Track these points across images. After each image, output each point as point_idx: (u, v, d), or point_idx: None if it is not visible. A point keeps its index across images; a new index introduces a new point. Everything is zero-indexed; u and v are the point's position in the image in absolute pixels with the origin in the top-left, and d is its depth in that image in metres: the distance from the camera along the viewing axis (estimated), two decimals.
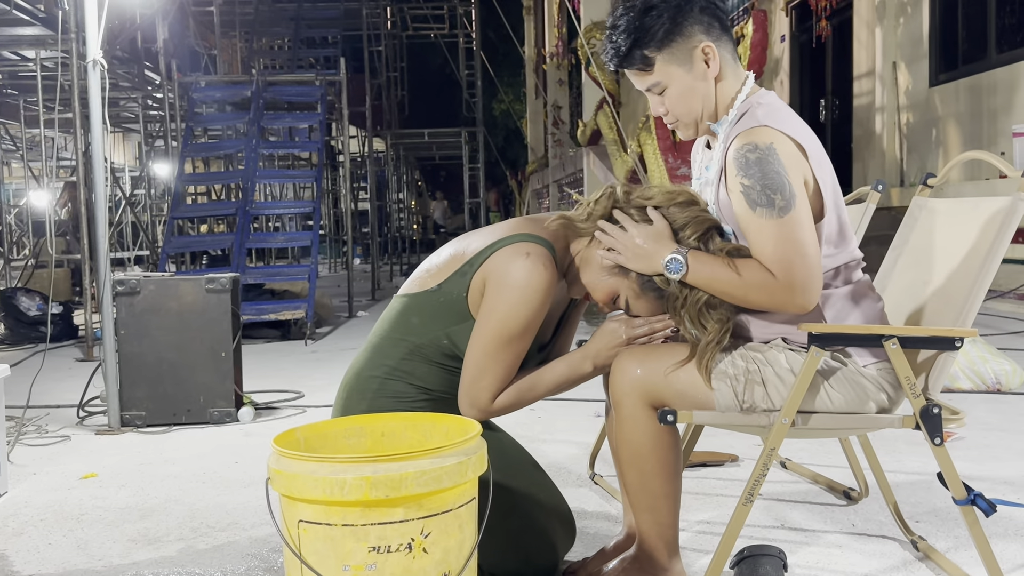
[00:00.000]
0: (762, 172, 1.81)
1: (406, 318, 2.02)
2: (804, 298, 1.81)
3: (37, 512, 2.80)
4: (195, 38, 11.60)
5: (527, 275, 1.87)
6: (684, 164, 7.15)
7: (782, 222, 1.80)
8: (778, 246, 1.80)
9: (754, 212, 1.82)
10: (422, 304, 2.00)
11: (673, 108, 1.97)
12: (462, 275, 1.96)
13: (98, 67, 3.91)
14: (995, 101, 7.73)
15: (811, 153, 1.86)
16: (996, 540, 2.27)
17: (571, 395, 4.31)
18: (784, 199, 1.80)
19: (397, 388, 2.01)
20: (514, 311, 1.88)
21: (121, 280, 4.00)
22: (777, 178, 1.80)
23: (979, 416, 3.62)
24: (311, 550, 1.60)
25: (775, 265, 1.81)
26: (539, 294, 1.88)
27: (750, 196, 1.82)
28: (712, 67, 1.93)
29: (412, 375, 2.01)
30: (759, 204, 1.81)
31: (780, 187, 1.80)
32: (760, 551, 2.00)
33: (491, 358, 1.91)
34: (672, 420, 1.86)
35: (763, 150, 1.82)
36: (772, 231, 1.80)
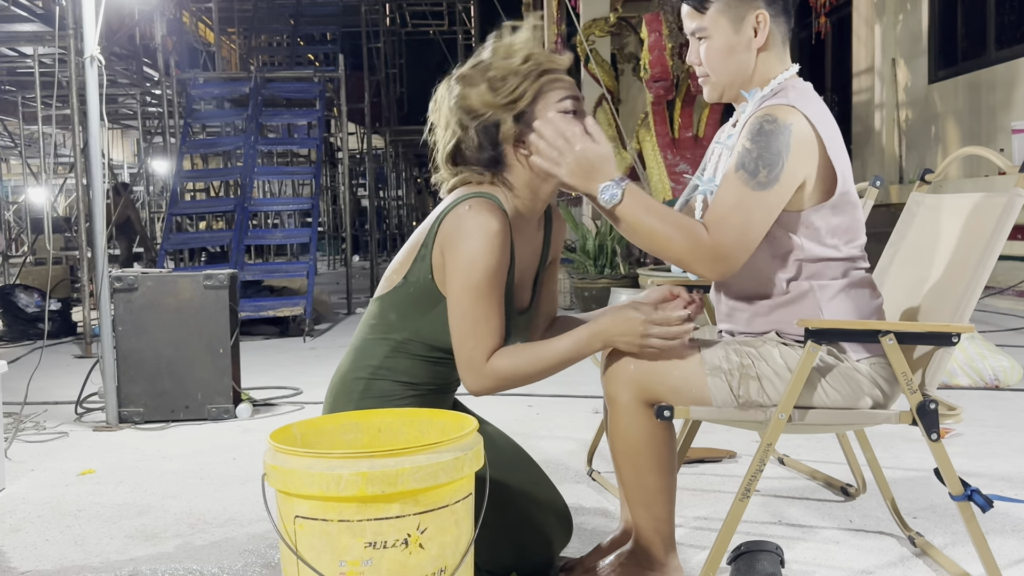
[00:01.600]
0: (767, 144, 1.81)
1: (384, 318, 2.01)
2: (722, 265, 1.81)
3: (35, 508, 2.80)
4: (193, 35, 11.59)
5: (473, 223, 1.85)
6: (683, 161, 7.15)
7: (751, 194, 1.80)
8: (732, 211, 1.81)
9: (735, 172, 1.83)
10: (396, 301, 2.00)
11: (708, 61, 1.96)
12: (422, 259, 1.95)
13: (95, 63, 3.91)
14: (994, 98, 7.73)
15: (829, 142, 1.86)
16: (993, 536, 2.27)
17: (569, 391, 4.32)
18: (768, 177, 1.80)
19: (383, 387, 2.00)
20: (472, 260, 1.84)
21: (119, 276, 4.00)
22: (776, 157, 1.80)
23: (977, 412, 3.62)
24: (307, 546, 1.60)
25: (717, 224, 1.81)
26: (491, 237, 1.84)
27: (743, 157, 1.83)
28: (759, 37, 1.93)
29: (397, 371, 2.00)
30: (744, 168, 1.81)
31: (772, 165, 1.80)
32: (757, 547, 2.00)
33: (468, 316, 1.87)
34: (669, 416, 1.86)
35: (780, 126, 1.82)
36: (736, 195, 1.81)
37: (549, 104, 1.90)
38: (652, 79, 7.04)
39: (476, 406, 2.29)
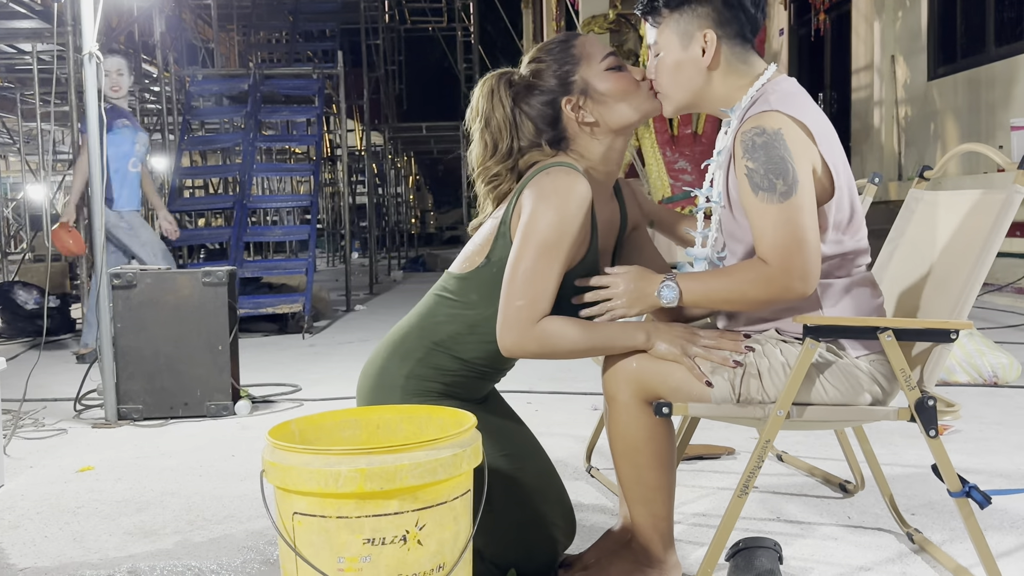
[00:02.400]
0: (767, 156, 1.80)
1: (465, 296, 1.99)
2: (802, 284, 1.80)
3: (34, 505, 2.80)
4: (192, 31, 11.58)
5: (553, 185, 1.87)
6: (682, 158, 7.15)
7: (783, 207, 1.79)
8: (777, 230, 1.80)
9: (756, 196, 1.81)
10: (480, 281, 1.98)
11: (657, 77, 1.98)
12: (503, 236, 1.95)
13: (94, 60, 3.90)
14: (993, 95, 7.73)
15: (820, 138, 1.85)
16: (991, 532, 2.28)
17: (568, 388, 4.32)
18: (786, 184, 1.79)
19: (440, 360, 2.00)
20: (549, 217, 1.85)
21: (118, 273, 3.99)
22: (781, 163, 1.80)
23: (975, 409, 3.62)
24: (306, 542, 1.60)
25: (773, 251, 1.80)
26: (573, 198, 1.86)
27: (753, 179, 1.81)
28: (706, 57, 1.92)
29: (458, 349, 1.99)
30: (761, 188, 1.80)
31: (783, 172, 1.79)
32: (756, 543, 2.01)
33: (528, 273, 1.85)
34: (667, 413, 1.86)
35: (770, 134, 1.81)
36: (773, 216, 1.80)
37: (593, 65, 1.99)
38: None
39: None
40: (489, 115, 2.01)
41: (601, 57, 2.00)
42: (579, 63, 1.99)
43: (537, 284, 1.85)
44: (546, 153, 2.00)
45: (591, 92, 1.98)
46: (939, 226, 2.17)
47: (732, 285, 1.84)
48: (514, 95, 2.01)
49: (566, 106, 1.98)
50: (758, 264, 1.82)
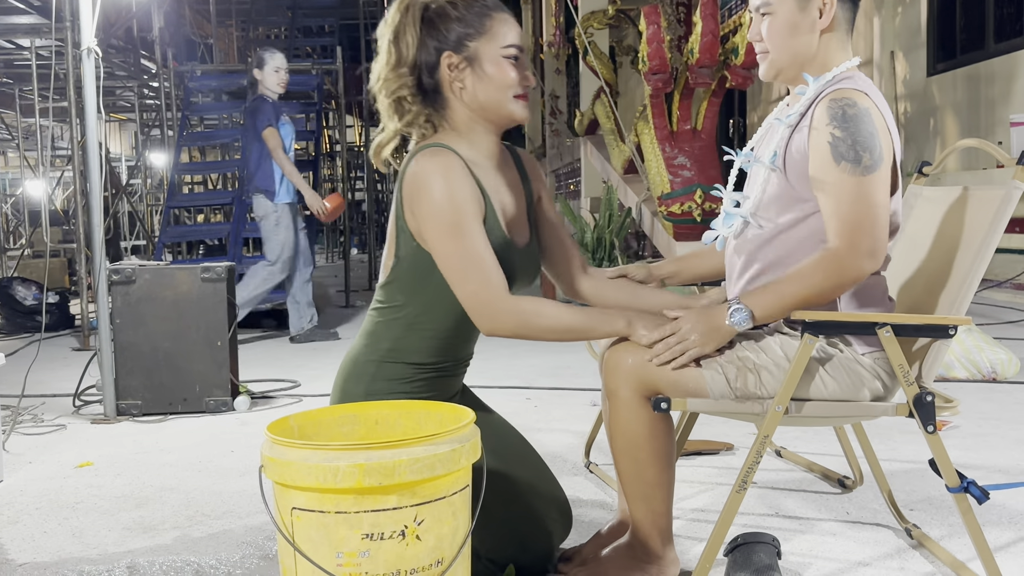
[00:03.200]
0: (856, 127, 1.80)
1: (391, 300, 2.02)
2: (871, 262, 1.80)
3: (32, 500, 2.80)
4: (191, 27, 11.56)
5: (423, 170, 1.87)
6: (681, 153, 7.14)
7: (864, 180, 1.79)
8: (854, 204, 1.79)
9: (837, 165, 1.80)
10: (398, 281, 2.00)
11: (769, 38, 1.95)
12: (402, 231, 1.96)
13: (92, 55, 3.90)
14: (993, 91, 7.73)
15: (893, 133, 1.88)
16: (989, 527, 2.28)
17: (567, 384, 4.32)
18: (872, 159, 1.79)
19: (394, 370, 2.01)
20: (438, 201, 1.85)
21: (117, 269, 3.99)
22: (870, 138, 1.80)
23: (974, 405, 3.63)
24: (304, 537, 1.60)
25: (845, 224, 1.79)
26: (445, 173, 1.86)
27: (838, 148, 1.80)
28: (824, 18, 1.91)
29: (407, 352, 2.00)
30: (845, 158, 1.79)
31: (871, 146, 1.80)
32: (754, 538, 2.01)
33: (458, 257, 1.86)
34: (665, 408, 1.86)
35: (861, 109, 1.81)
36: (852, 188, 1.79)
37: (493, 45, 1.94)
38: (650, 72, 7.03)
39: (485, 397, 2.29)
40: (400, 30, 1.97)
41: (506, 43, 1.95)
42: (483, 35, 1.94)
43: (475, 262, 1.86)
44: (421, 130, 1.99)
45: (475, 65, 1.95)
46: (938, 222, 2.17)
47: (804, 284, 1.81)
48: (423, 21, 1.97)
49: (444, 60, 1.95)
50: (824, 255, 1.81)
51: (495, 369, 4.77)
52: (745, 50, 6.63)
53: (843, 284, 1.83)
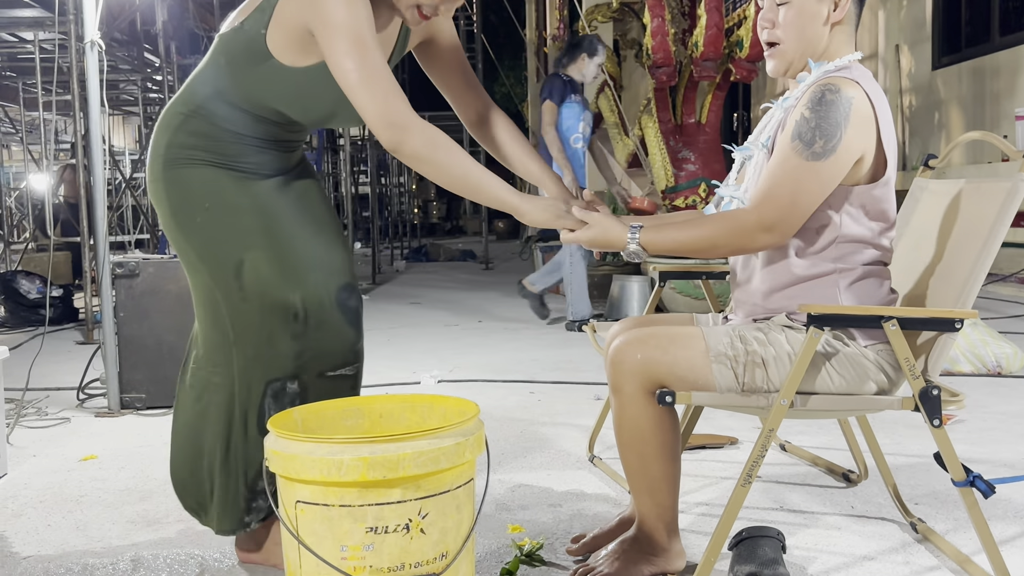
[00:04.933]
0: (826, 113, 1.81)
1: (216, 57, 2.00)
2: (768, 236, 1.84)
3: (36, 494, 2.80)
4: (194, 20, 11.55)
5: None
6: (686, 147, 7.13)
7: (804, 165, 1.81)
8: (782, 179, 1.82)
9: (791, 142, 1.83)
10: (228, 43, 1.97)
11: (786, 27, 1.95)
12: (261, 11, 1.91)
13: (96, 48, 3.89)
14: (998, 84, 7.70)
15: (884, 125, 1.88)
16: (994, 521, 2.27)
17: (570, 378, 4.32)
18: (824, 147, 1.81)
19: (199, 126, 2.00)
20: (338, 9, 1.79)
21: (120, 263, 3.99)
22: (834, 127, 1.81)
23: (979, 399, 3.62)
24: (309, 531, 1.60)
25: (762, 195, 1.83)
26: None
27: (799, 128, 1.83)
28: (838, 12, 1.93)
29: (216, 115, 1.98)
30: (800, 138, 1.82)
31: (829, 135, 1.81)
32: (759, 532, 2.00)
33: (366, 69, 1.80)
34: (670, 401, 1.86)
35: (841, 96, 1.83)
36: (790, 166, 1.82)
37: None
38: (655, 65, 7.02)
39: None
40: None
41: None
42: None
43: (381, 74, 1.82)
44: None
45: None
46: (944, 215, 2.16)
47: (699, 236, 1.86)
48: None
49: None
50: (734, 214, 1.85)
51: (498, 363, 4.77)
52: (750, 43, 6.61)
53: (734, 249, 1.88)
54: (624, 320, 2.21)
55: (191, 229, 2.04)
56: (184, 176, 2.02)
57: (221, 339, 2.06)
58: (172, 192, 2.04)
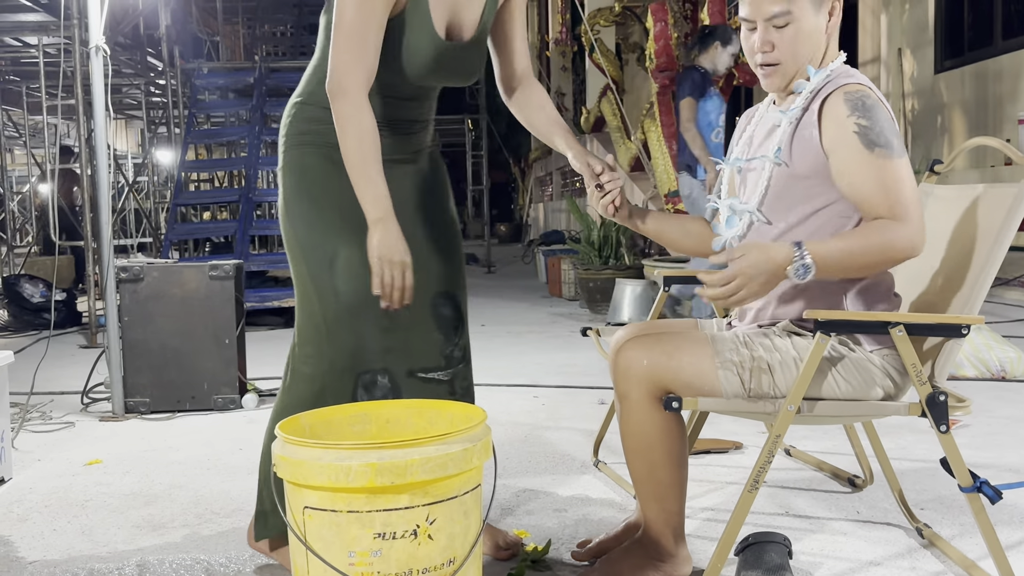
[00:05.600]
0: (879, 116, 1.82)
1: (323, 37, 2.07)
2: (920, 236, 1.80)
3: (41, 498, 2.80)
4: (197, 24, 11.57)
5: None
6: None
7: (901, 163, 1.81)
8: (899, 184, 1.80)
9: (871, 152, 1.81)
10: (330, 14, 2.01)
11: (785, 49, 1.90)
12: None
13: (101, 53, 3.90)
14: (1001, 88, 7.70)
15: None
16: (1000, 527, 2.27)
17: (574, 382, 4.32)
18: (900, 143, 1.83)
19: (312, 113, 2.06)
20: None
21: (125, 267, 4.00)
22: (892, 124, 1.83)
23: (984, 403, 3.62)
24: (316, 536, 1.60)
25: (897, 204, 1.79)
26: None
27: (867, 136, 1.81)
28: (834, 19, 1.92)
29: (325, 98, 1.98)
30: (878, 144, 1.80)
31: (895, 132, 1.83)
32: (765, 538, 2.00)
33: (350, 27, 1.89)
34: (677, 407, 1.86)
35: (875, 98, 1.84)
36: (893, 171, 1.81)
37: None
38: (657, 69, 7.03)
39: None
40: None
41: None
42: None
43: (358, 36, 1.89)
44: None
45: None
46: (950, 220, 2.16)
47: (870, 247, 1.78)
48: None
49: None
50: (881, 224, 1.80)
51: (501, 367, 4.77)
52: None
53: (901, 260, 1.81)
54: (629, 326, 2.21)
55: (297, 216, 2.08)
56: (296, 163, 2.09)
57: (314, 332, 2.08)
58: (286, 179, 2.11)
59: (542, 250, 10.06)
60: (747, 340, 1.91)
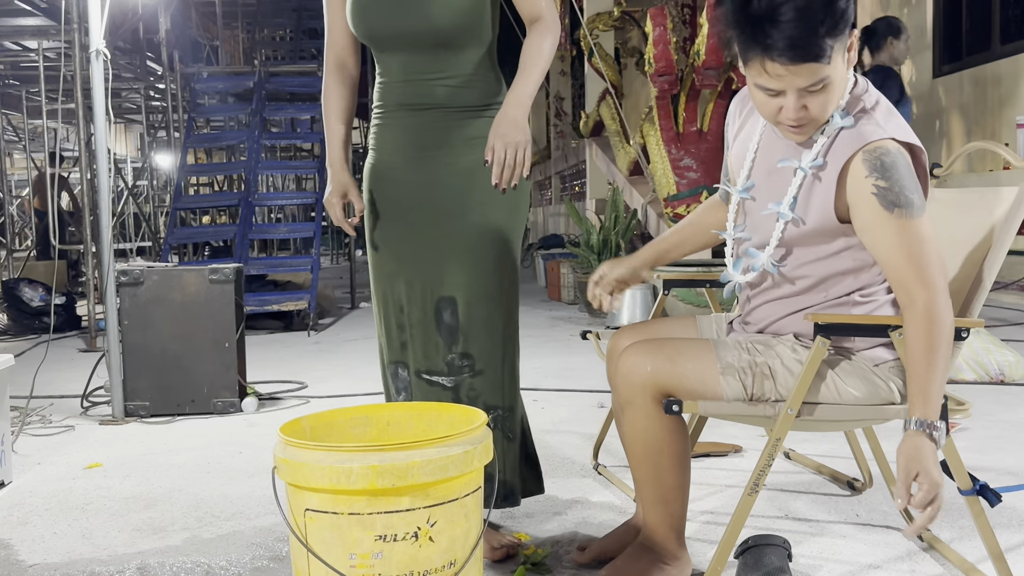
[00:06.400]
0: (900, 174, 1.75)
1: None
2: (945, 298, 1.75)
3: (42, 502, 2.80)
4: (197, 29, 11.58)
5: None
6: (687, 155, 7.14)
7: (920, 222, 1.75)
8: (922, 246, 1.75)
9: (891, 213, 1.74)
10: None
11: (818, 108, 1.77)
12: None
13: (101, 57, 3.91)
14: (999, 92, 7.72)
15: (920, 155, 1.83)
16: (999, 530, 2.27)
17: (573, 385, 4.32)
18: (920, 201, 1.76)
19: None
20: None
21: (125, 271, 4.00)
22: (912, 181, 1.76)
23: (983, 407, 3.62)
24: (318, 539, 1.60)
25: (921, 270, 1.74)
26: None
27: (887, 197, 1.74)
28: (852, 53, 1.80)
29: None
30: (898, 205, 1.74)
31: (914, 189, 1.76)
32: (765, 541, 2.00)
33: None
34: (678, 410, 1.86)
35: (895, 154, 1.76)
36: (914, 231, 1.75)
37: None
38: (656, 73, 7.03)
39: None
40: None
41: None
42: None
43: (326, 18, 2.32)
44: None
45: None
46: (949, 224, 2.17)
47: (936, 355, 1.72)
48: None
49: None
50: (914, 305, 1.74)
51: None
52: None
53: (944, 331, 1.74)
54: (627, 328, 2.20)
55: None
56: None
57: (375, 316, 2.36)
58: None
59: (541, 254, 10.07)
60: (750, 346, 1.92)
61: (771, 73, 1.72)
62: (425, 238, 2.18)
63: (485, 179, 2.12)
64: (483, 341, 2.19)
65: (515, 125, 2.03)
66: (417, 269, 2.19)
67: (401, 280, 2.21)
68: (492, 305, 2.19)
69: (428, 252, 2.18)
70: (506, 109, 2.06)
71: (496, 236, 2.19)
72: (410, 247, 2.20)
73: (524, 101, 2.07)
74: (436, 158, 2.18)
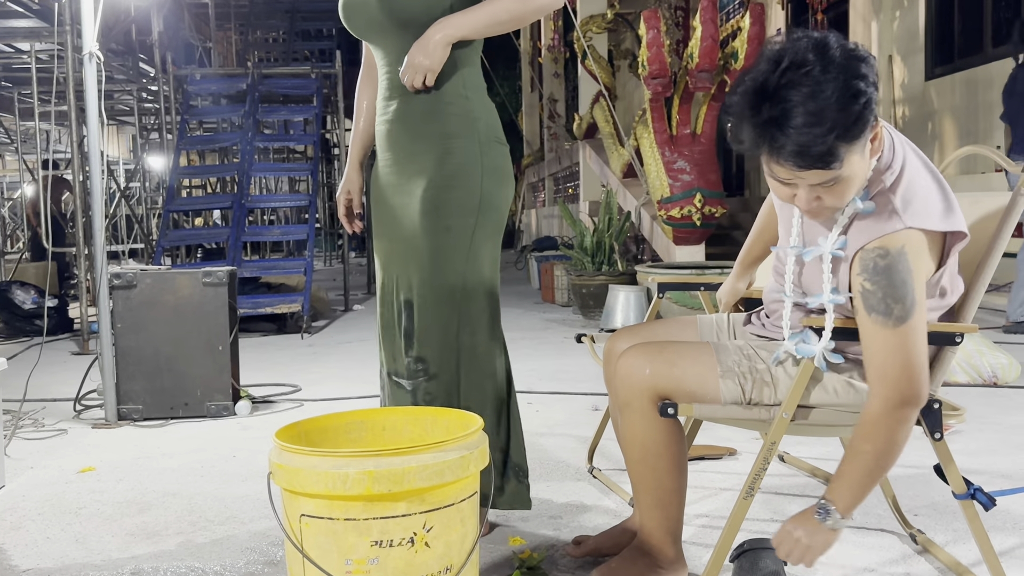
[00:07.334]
0: (888, 281, 1.71)
1: None
2: (910, 408, 1.73)
3: (35, 506, 2.79)
4: (190, 31, 11.56)
5: None
6: (681, 158, 7.15)
7: (896, 331, 1.71)
8: (888, 356, 1.72)
9: (869, 316, 1.73)
10: None
11: (833, 200, 1.71)
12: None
13: (94, 59, 3.89)
14: (991, 95, 7.74)
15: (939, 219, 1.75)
16: (993, 533, 2.28)
17: (567, 388, 4.32)
18: (904, 309, 1.71)
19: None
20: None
21: (118, 273, 3.99)
22: (902, 287, 1.71)
23: (976, 410, 3.63)
24: (313, 544, 1.60)
25: (882, 378, 1.72)
26: None
27: (868, 301, 1.73)
28: (876, 143, 1.71)
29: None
30: (876, 311, 1.72)
31: (902, 297, 1.71)
32: (760, 544, 2.00)
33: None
34: (673, 413, 1.86)
35: (893, 255, 1.71)
36: (883, 340, 1.72)
37: None
38: (650, 76, 7.05)
39: None
40: None
41: None
42: None
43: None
44: None
45: None
46: None
47: (880, 460, 1.73)
48: None
49: None
50: (866, 413, 1.74)
51: None
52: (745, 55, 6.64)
53: (895, 440, 1.73)
54: (624, 330, 2.20)
55: None
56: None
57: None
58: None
59: (535, 256, 10.07)
60: (750, 352, 1.92)
61: (780, 172, 1.68)
62: (396, 238, 2.26)
63: (442, 179, 2.14)
64: (436, 346, 2.17)
65: (423, 48, 2.09)
66: (390, 272, 2.28)
67: (382, 281, 2.32)
68: (446, 310, 2.16)
69: (397, 254, 2.25)
70: (428, 30, 2.10)
71: (453, 238, 2.15)
72: (386, 248, 2.29)
73: (448, 26, 2.08)
74: (401, 159, 2.24)
